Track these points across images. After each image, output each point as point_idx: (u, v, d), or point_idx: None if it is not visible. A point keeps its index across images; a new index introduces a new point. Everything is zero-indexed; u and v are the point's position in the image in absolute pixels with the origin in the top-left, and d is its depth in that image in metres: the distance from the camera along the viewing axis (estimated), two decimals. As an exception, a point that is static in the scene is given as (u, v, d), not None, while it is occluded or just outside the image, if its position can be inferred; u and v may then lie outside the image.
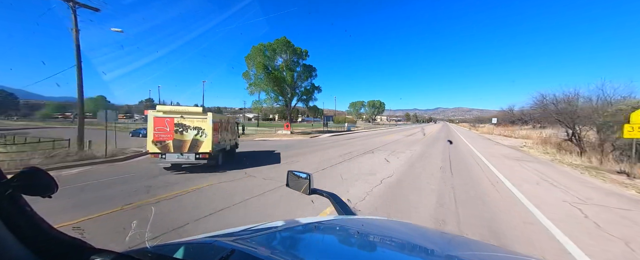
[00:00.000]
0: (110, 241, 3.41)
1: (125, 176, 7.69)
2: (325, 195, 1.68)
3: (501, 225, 4.10)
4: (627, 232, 3.90)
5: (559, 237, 3.68)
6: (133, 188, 6.25)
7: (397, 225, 1.62)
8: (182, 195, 5.73)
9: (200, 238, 1.03)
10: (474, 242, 1.62)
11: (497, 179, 7.51)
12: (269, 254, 0.76)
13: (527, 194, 5.86)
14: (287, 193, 5.31)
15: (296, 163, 10.30)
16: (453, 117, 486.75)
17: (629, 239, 3.64)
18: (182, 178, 7.38)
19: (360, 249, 1.08)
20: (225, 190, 6.19)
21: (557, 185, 6.84)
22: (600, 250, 3.31)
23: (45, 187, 0.63)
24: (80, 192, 5.90)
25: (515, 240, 3.62)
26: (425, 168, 8.97)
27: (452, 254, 1.09)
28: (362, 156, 11.76)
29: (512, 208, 4.97)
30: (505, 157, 12.35)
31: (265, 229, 1.20)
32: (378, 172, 8.12)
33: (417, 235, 1.37)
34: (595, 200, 5.50)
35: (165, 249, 0.82)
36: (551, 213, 4.63)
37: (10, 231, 0.57)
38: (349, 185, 6.59)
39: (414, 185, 6.61)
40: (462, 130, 44.49)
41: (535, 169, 9.21)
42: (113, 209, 4.74)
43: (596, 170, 8.87)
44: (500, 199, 5.55)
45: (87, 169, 8.79)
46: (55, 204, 4.31)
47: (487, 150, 14.01)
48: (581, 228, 4.03)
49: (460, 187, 6.46)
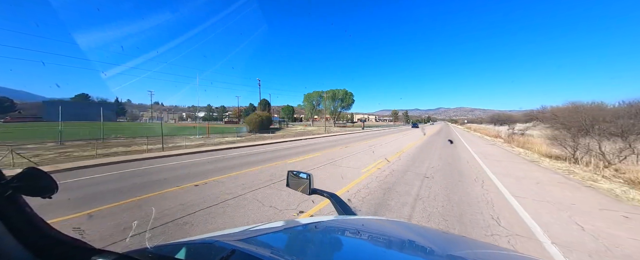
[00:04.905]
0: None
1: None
2: (325, 195, 1.70)
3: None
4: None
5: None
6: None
7: (397, 225, 1.59)
8: None
9: (201, 238, 1.01)
10: (474, 242, 1.51)
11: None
12: (269, 254, 0.75)
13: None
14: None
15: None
16: (455, 117, 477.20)
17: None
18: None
19: (361, 249, 1.06)
20: None
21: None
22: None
23: (45, 187, 0.62)
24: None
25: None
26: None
27: (453, 254, 1.06)
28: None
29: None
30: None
31: (266, 229, 1.23)
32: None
33: (418, 235, 1.33)
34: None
35: (166, 249, 0.82)
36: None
37: (10, 232, 0.58)
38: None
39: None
40: (493, 151, 37.45)
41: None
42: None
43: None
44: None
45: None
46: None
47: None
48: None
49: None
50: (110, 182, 6.52)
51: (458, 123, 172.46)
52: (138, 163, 9.52)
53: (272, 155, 12.19)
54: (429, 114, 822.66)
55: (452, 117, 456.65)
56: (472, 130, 47.14)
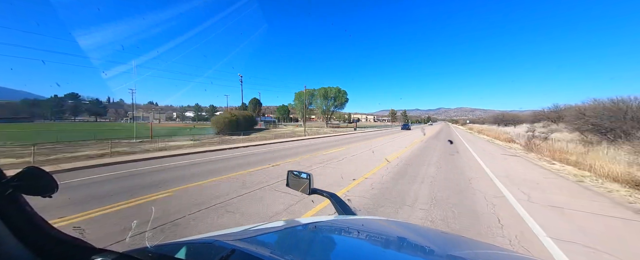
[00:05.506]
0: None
1: None
2: (325, 195, 1.69)
3: None
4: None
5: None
6: None
7: (397, 225, 1.57)
8: None
9: (201, 238, 1.01)
10: (474, 242, 1.47)
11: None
12: (269, 254, 0.75)
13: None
14: None
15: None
16: (455, 117, 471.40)
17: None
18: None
19: (360, 249, 1.05)
20: None
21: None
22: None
23: (45, 186, 0.61)
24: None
25: None
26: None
27: (453, 254, 1.06)
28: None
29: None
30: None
31: (266, 229, 1.22)
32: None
33: (417, 235, 1.32)
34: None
35: (166, 248, 0.80)
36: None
37: (10, 231, 0.57)
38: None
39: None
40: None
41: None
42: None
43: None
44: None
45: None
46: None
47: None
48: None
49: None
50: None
51: (459, 123, 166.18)
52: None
53: (164, 175, 6.96)
54: (430, 114, 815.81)
55: (453, 117, 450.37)
56: (476, 132, 41.48)
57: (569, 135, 23.37)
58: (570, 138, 22.25)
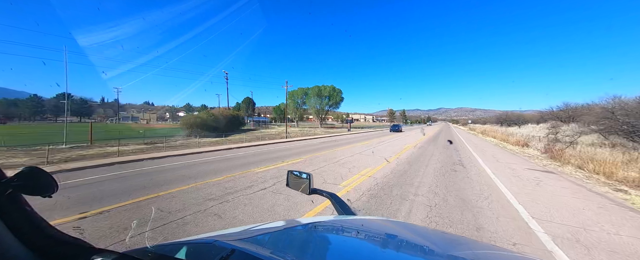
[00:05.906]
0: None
1: None
2: (325, 195, 1.67)
3: None
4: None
5: None
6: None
7: (397, 225, 1.56)
8: None
9: (200, 238, 0.99)
10: (474, 242, 1.48)
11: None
12: (268, 254, 0.74)
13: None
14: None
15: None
16: (456, 117, 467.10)
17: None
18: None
19: (360, 249, 1.04)
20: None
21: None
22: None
23: (45, 186, 0.61)
24: None
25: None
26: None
27: (453, 254, 1.04)
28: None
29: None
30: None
31: (265, 229, 1.20)
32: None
33: (417, 235, 1.30)
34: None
35: (165, 248, 0.80)
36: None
37: (10, 231, 0.57)
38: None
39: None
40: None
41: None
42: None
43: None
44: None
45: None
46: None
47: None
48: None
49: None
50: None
51: (460, 123, 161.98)
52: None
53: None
54: (430, 114, 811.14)
55: (453, 117, 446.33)
56: (480, 134, 37.50)
57: (588, 138, 19.63)
58: (590, 141, 18.59)
